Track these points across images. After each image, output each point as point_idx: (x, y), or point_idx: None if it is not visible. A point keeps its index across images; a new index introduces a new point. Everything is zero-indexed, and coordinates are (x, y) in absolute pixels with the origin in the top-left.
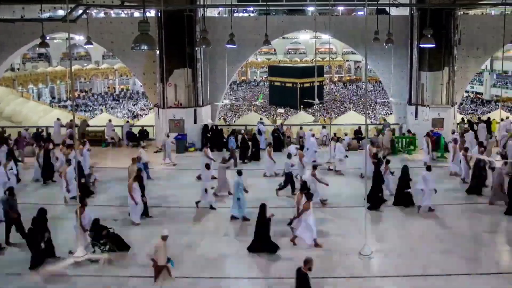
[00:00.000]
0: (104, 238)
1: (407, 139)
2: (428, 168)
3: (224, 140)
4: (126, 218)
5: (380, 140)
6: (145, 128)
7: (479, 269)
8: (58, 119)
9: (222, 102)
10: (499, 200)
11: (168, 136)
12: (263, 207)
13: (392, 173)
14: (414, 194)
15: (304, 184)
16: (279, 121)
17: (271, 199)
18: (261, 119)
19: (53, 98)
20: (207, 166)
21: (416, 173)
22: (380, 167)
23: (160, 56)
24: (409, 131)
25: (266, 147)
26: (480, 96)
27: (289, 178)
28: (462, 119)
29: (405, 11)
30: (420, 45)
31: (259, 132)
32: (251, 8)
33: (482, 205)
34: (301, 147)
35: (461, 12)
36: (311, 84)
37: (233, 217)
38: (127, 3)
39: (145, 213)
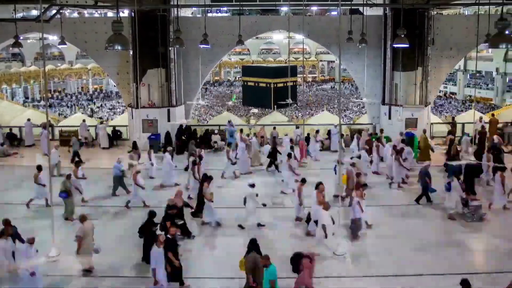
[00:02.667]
0: None
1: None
2: None
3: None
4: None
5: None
6: (117, 128)
7: (453, 269)
8: (28, 119)
9: (196, 102)
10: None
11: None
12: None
13: None
14: None
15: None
16: (252, 121)
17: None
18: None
19: (27, 98)
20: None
21: None
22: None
23: (134, 56)
24: (381, 131)
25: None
26: (453, 96)
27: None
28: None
29: (378, 11)
30: (394, 45)
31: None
32: (225, 8)
33: None
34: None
35: (435, 12)
36: (285, 84)
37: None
38: (101, 3)
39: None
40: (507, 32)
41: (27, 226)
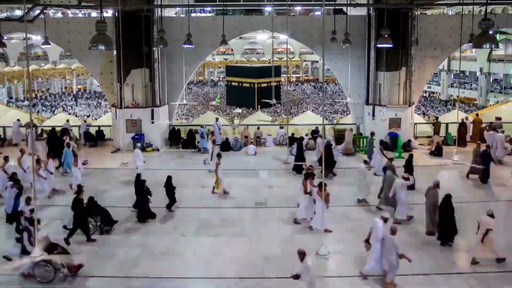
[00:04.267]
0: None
1: (365, 139)
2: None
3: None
4: None
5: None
6: (101, 128)
7: (436, 269)
8: (18, 119)
9: (180, 102)
10: None
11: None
12: None
13: None
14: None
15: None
16: (236, 121)
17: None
18: (217, 119)
19: (11, 98)
20: None
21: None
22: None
23: (118, 56)
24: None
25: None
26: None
27: None
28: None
29: (362, 11)
30: (377, 45)
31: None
32: (209, 8)
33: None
34: None
35: (419, 12)
36: (269, 84)
37: None
38: (84, 3)
39: None
40: (490, 32)
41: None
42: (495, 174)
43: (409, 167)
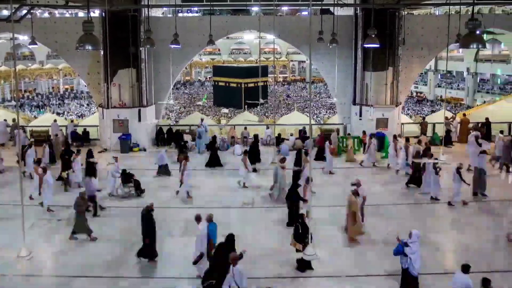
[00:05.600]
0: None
1: (353, 139)
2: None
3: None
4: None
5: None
6: (87, 129)
7: (422, 269)
8: (5, 119)
9: (166, 101)
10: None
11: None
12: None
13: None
14: None
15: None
16: (223, 121)
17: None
18: (202, 119)
19: None
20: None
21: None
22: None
23: (105, 56)
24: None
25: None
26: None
27: None
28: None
29: (349, 11)
30: (364, 45)
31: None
32: (196, 8)
33: (428, 205)
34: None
35: (406, 12)
36: (256, 84)
37: None
38: (72, 3)
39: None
40: (477, 32)
41: None
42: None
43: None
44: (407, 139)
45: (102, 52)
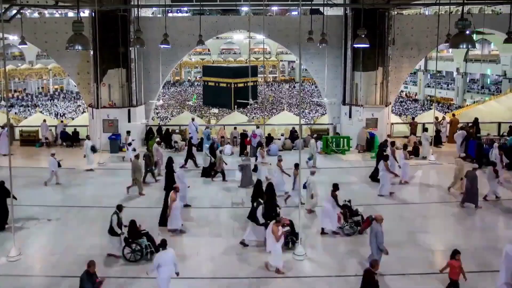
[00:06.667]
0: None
1: (342, 139)
2: None
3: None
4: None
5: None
6: (77, 129)
7: (411, 269)
8: None
9: (156, 101)
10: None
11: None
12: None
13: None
14: None
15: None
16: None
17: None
18: (193, 119)
19: None
20: None
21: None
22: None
23: (94, 56)
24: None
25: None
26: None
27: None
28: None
29: (339, 11)
30: (354, 45)
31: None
32: (185, 8)
33: (417, 205)
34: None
35: (395, 12)
36: (245, 84)
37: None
38: (61, 3)
39: None
40: (467, 32)
41: None
42: None
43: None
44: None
45: (92, 52)
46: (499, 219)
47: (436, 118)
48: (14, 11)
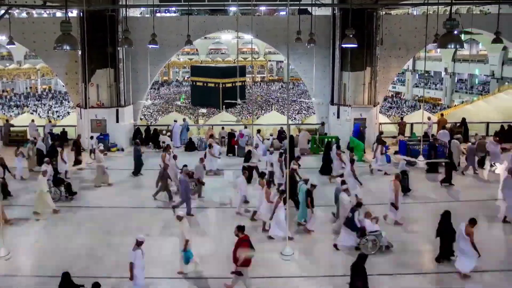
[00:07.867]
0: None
1: (329, 139)
2: None
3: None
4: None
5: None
6: (65, 129)
7: (401, 269)
8: None
9: (145, 101)
10: None
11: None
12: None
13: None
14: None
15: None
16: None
17: None
18: (184, 119)
19: None
20: None
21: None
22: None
23: (82, 56)
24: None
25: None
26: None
27: None
28: (429, 118)
29: (327, 11)
30: (342, 45)
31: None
32: (173, 8)
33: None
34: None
35: (383, 12)
36: (233, 84)
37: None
38: (49, 3)
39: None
40: (455, 32)
41: None
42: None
43: None
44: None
45: (80, 52)
46: None
47: (429, 118)
48: (2, 11)
